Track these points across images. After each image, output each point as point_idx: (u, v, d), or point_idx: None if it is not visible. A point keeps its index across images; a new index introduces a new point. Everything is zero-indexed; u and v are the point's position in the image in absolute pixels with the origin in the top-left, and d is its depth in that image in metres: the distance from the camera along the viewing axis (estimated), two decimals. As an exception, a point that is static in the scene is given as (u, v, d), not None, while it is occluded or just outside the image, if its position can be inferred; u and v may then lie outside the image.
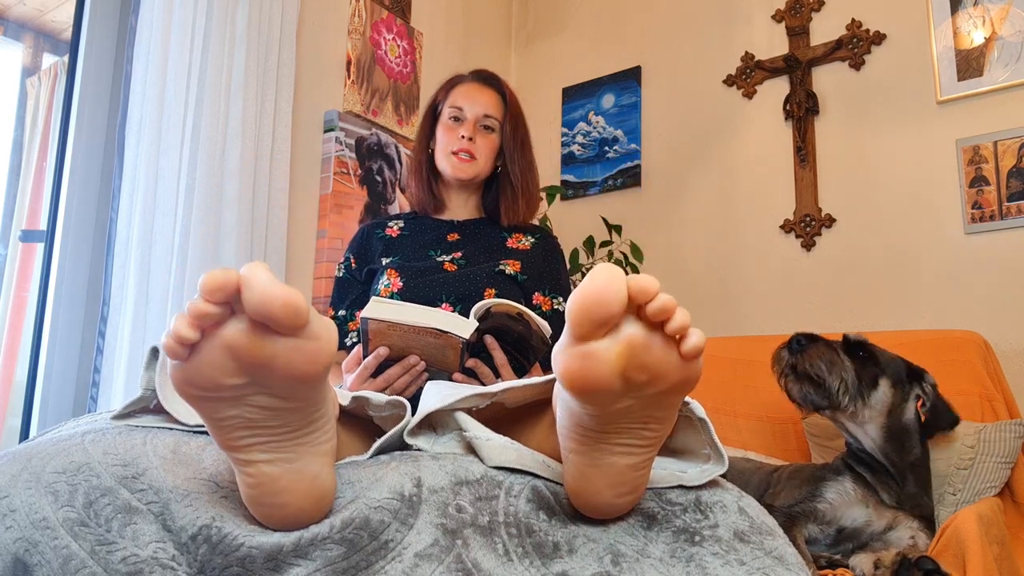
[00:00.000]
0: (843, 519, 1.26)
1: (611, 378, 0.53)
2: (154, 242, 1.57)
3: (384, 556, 0.58)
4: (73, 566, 0.56)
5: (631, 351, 0.53)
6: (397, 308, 1.01)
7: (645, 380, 0.54)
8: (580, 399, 0.56)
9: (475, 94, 1.38)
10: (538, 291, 1.35)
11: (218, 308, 0.50)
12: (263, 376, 0.53)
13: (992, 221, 1.91)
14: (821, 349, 1.32)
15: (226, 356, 0.51)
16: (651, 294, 0.52)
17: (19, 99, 2.09)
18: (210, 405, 0.54)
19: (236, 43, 1.76)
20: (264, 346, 0.51)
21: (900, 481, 1.31)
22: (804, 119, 2.23)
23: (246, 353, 0.51)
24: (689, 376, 0.55)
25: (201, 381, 0.52)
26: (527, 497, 0.65)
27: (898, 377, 1.36)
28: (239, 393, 0.53)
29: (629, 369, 0.54)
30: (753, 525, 0.66)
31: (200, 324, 0.51)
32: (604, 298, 0.52)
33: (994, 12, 1.97)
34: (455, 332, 0.99)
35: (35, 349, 1.58)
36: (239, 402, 0.54)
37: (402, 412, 0.76)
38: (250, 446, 0.56)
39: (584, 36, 2.78)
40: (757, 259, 2.28)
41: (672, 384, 0.55)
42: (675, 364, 0.54)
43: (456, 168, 1.35)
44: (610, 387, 0.54)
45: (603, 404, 0.56)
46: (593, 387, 0.54)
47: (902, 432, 1.34)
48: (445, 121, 1.38)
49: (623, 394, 0.55)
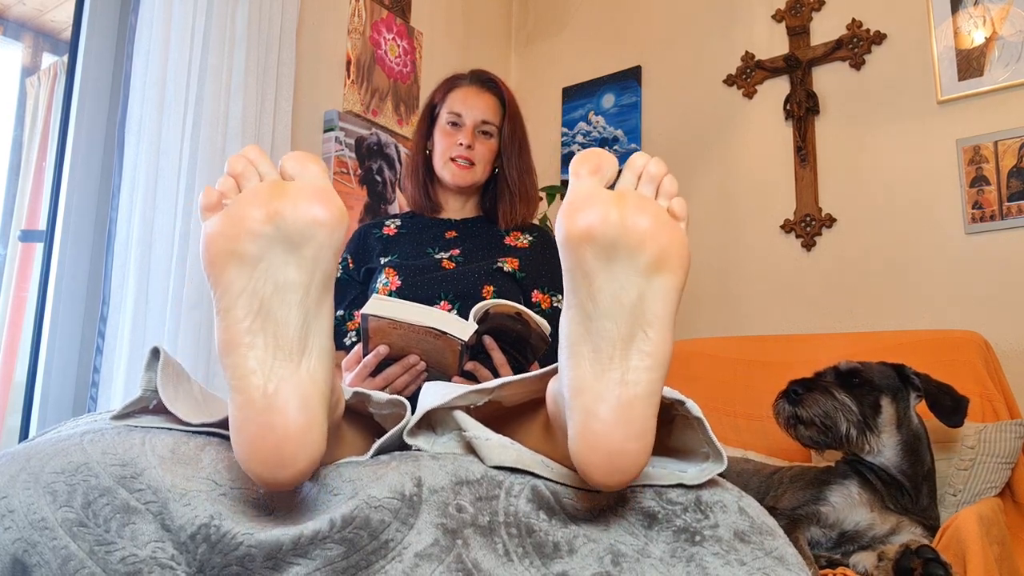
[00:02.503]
0: (845, 522, 1.26)
1: (610, 216, 0.60)
2: (154, 242, 1.57)
3: (384, 556, 0.58)
4: (72, 566, 0.56)
5: (628, 196, 0.62)
6: (398, 306, 1.01)
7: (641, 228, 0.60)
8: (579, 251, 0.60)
9: (473, 99, 1.37)
10: (537, 289, 1.35)
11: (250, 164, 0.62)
12: (283, 216, 0.59)
13: (992, 221, 1.91)
14: (818, 397, 1.32)
15: (253, 199, 0.60)
16: (647, 157, 0.65)
17: (19, 99, 2.09)
18: (232, 270, 0.58)
19: (236, 42, 1.75)
20: (286, 186, 0.61)
21: (914, 495, 1.31)
22: (804, 119, 2.23)
23: (270, 193, 0.60)
24: (677, 240, 0.61)
25: (230, 229, 0.59)
26: (527, 497, 0.65)
27: (894, 388, 1.36)
28: (260, 251, 0.59)
29: (627, 213, 0.60)
30: (753, 525, 0.66)
31: (236, 172, 0.62)
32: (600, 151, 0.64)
33: (995, 12, 1.97)
34: (454, 334, 0.99)
35: (35, 349, 1.58)
36: (257, 266, 0.59)
37: (402, 412, 0.76)
38: (251, 347, 0.57)
39: (584, 36, 2.78)
40: (757, 259, 2.28)
41: (663, 245, 0.60)
42: (665, 217, 0.62)
43: (455, 175, 1.35)
44: (608, 228, 0.59)
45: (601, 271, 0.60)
46: (594, 221, 0.59)
47: (915, 441, 1.33)
48: (443, 126, 1.37)
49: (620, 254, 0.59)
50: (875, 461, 1.32)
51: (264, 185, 0.61)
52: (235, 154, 0.63)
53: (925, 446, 1.35)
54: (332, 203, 0.60)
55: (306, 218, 0.59)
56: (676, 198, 0.64)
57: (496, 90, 1.41)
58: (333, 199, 0.61)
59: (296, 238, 0.59)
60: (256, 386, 0.57)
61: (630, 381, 0.59)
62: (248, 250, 0.59)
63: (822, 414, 1.30)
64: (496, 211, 1.40)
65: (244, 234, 0.59)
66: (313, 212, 0.59)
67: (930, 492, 1.33)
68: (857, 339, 1.83)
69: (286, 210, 0.59)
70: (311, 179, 0.61)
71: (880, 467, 1.32)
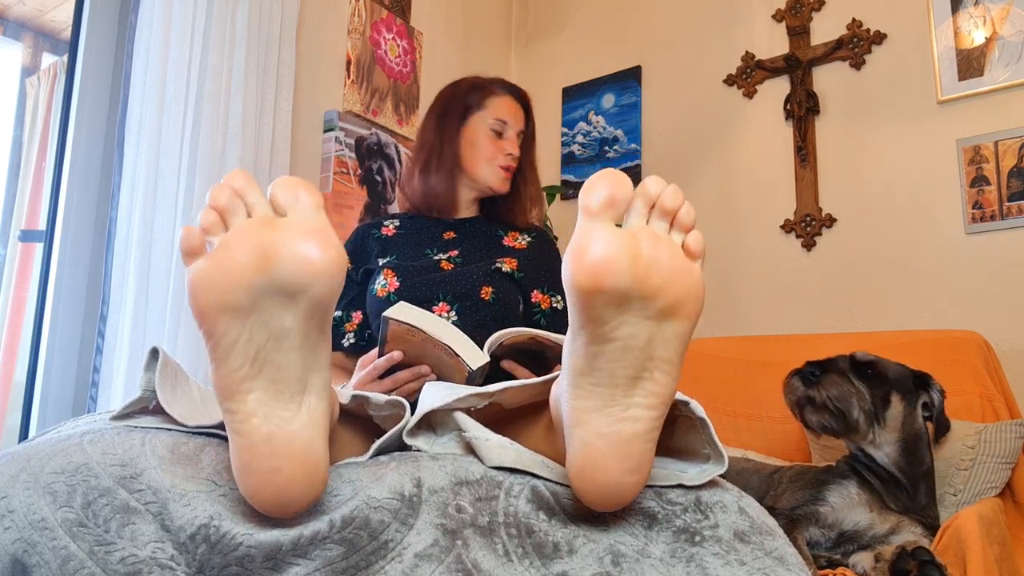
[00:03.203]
0: (844, 522, 1.26)
1: (621, 267, 0.55)
2: (154, 242, 1.57)
3: (384, 556, 0.58)
4: (72, 567, 0.56)
5: (640, 240, 0.57)
6: (420, 315, 1.01)
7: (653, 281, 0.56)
8: (588, 302, 0.56)
9: (514, 110, 1.42)
10: (536, 289, 1.34)
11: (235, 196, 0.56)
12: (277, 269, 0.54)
13: (993, 221, 1.91)
14: (836, 379, 1.31)
15: (241, 243, 0.54)
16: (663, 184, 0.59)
17: (18, 99, 2.09)
18: (223, 321, 0.55)
19: (236, 42, 1.75)
20: (279, 228, 0.55)
21: (912, 492, 1.31)
22: (804, 119, 2.23)
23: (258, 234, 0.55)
24: (692, 286, 0.58)
25: (218, 279, 0.54)
26: (527, 497, 0.65)
27: (906, 388, 1.35)
28: (252, 300, 0.55)
29: (638, 263, 0.56)
30: (753, 525, 0.66)
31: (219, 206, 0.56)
32: (613, 177, 0.57)
33: (995, 12, 1.97)
34: (465, 360, 0.98)
35: (34, 349, 1.58)
36: (250, 316, 0.55)
37: (401, 412, 0.76)
38: (249, 391, 0.56)
39: (584, 36, 2.78)
40: (757, 259, 2.28)
41: (678, 294, 0.57)
42: (680, 262, 0.58)
43: (501, 182, 1.39)
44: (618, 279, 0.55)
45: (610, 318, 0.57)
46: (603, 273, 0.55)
47: (916, 442, 1.33)
48: (486, 130, 1.39)
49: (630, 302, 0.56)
50: (874, 455, 1.32)
51: (253, 225, 0.55)
52: (218, 184, 0.56)
53: (925, 446, 1.35)
54: (330, 247, 0.56)
55: (302, 268, 0.55)
56: (692, 233, 0.60)
57: (526, 105, 1.47)
58: (330, 242, 0.56)
59: (291, 288, 0.55)
60: (258, 430, 0.56)
61: (631, 418, 0.59)
62: (240, 301, 0.54)
63: (836, 397, 1.29)
64: (507, 212, 1.43)
65: (234, 286, 0.54)
66: (309, 260, 0.55)
67: (928, 491, 1.33)
68: (857, 339, 1.83)
69: (280, 259, 0.54)
70: (305, 217, 0.56)
71: (879, 464, 1.32)
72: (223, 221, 0.56)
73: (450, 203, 1.40)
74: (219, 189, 0.56)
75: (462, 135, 1.40)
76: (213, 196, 0.56)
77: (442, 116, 1.42)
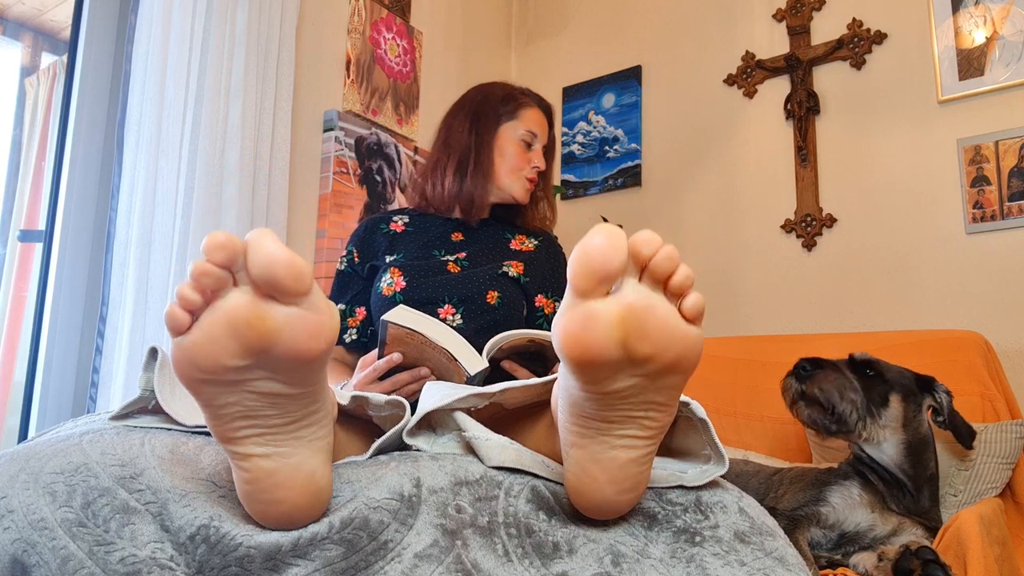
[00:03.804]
0: (846, 523, 1.26)
1: (610, 343, 0.53)
2: (153, 242, 1.57)
3: (383, 557, 0.58)
4: (71, 567, 0.55)
5: (632, 313, 0.54)
6: (420, 319, 1.02)
7: (646, 352, 0.54)
8: (579, 370, 0.55)
9: (543, 123, 1.45)
10: (541, 293, 1.34)
11: (221, 271, 0.50)
12: (265, 354, 0.52)
13: (993, 221, 1.91)
14: (828, 374, 1.31)
15: (227, 329, 0.51)
16: (655, 245, 0.53)
17: (18, 98, 2.09)
18: (210, 389, 0.53)
19: (236, 42, 1.75)
20: (266, 316, 0.51)
21: (915, 495, 1.30)
22: (805, 119, 2.22)
23: (247, 324, 0.51)
24: (689, 348, 0.55)
25: (202, 360, 0.51)
26: (527, 497, 0.65)
27: (908, 390, 1.35)
28: (240, 376, 0.53)
29: (630, 336, 0.53)
30: (754, 526, 0.66)
31: (203, 286, 0.50)
32: (605, 252, 0.52)
33: (995, 11, 1.97)
34: (463, 364, 0.99)
35: (34, 349, 1.57)
36: (239, 387, 0.53)
37: (401, 412, 0.76)
38: (247, 438, 0.56)
39: (584, 36, 2.78)
40: (758, 259, 2.28)
41: (673, 357, 0.55)
42: (675, 330, 0.54)
43: (525, 192, 1.42)
44: (609, 354, 0.54)
45: (603, 379, 0.55)
46: (592, 351, 0.54)
47: (920, 445, 1.33)
48: (517, 141, 1.40)
49: (623, 366, 0.55)
50: (875, 456, 1.32)
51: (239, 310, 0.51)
52: (198, 260, 0.51)
53: (931, 451, 1.35)
54: (323, 335, 0.53)
55: (292, 356, 0.52)
56: (691, 296, 0.55)
57: (550, 115, 1.49)
58: (323, 330, 0.53)
59: (280, 368, 0.53)
60: (260, 467, 0.56)
61: (626, 446, 0.59)
62: (227, 378, 0.53)
63: (825, 390, 1.29)
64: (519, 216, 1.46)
65: (219, 368, 0.52)
66: (299, 351, 0.52)
67: (932, 495, 1.33)
68: (857, 339, 1.83)
69: (268, 347, 0.52)
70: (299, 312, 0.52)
71: (881, 465, 1.32)
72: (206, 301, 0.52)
73: (481, 207, 1.40)
74: (202, 271, 0.50)
75: (495, 142, 1.40)
76: (196, 279, 0.50)
77: (476, 120, 1.42)
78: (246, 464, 0.56)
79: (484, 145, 1.40)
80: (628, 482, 0.61)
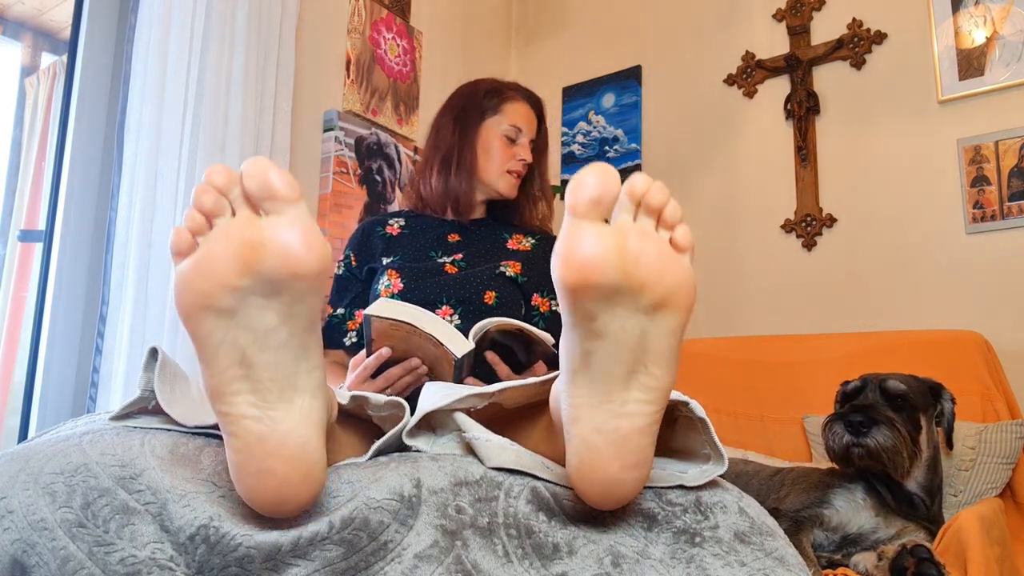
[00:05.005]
0: (849, 525, 1.25)
1: (608, 264, 0.56)
2: (153, 242, 1.57)
3: (383, 557, 0.58)
4: (71, 567, 0.55)
5: (628, 235, 0.57)
6: (401, 308, 1.01)
7: (641, 275, 0.56)
8: (577, 298, 0.57)
9: (529, 117, 1.43)
10: (537, 292, 1.34)
11: (220, 194, 0.55)
12: (260, 268, 0.54)
13: (993, 221, 1.91)
14: (885, 431, 1.25)
15: (225, 245, 0.54)
16: (648, 181, 0.58)
17: (18, 98, 2.09)
18: (208, 322, 0.55)
19: (236, 42, 1.75)
20: (261, 227, 0.55)
21: (929, 507, 1.29)
22: (805, 118, 2.22)
23: (242, 236, 0.54)
24: (682, 278, 0.58)
25: (202, 281, 0.54)
26: (527, 498, 0.65)
27: (927, 403, 1.34)
28: (236, 302, 0.55)
29: (627, 258, 0.56)
30: (754, 526, 0.66)
31: (203, 205, 0.55)
32: (599, 175, 0.56)
33: (995, 11, 1.97)
34: (449, 347, 0.98)
35: (34, 349, 1.57)
36: (235, 318, 0.55)
37: (400, 413, 0.76)
38: (239, 394, 0.56)
39: (584, 35, 2.78)
40: (758, 259, 2.28)
41: (668, 287, 0.57)
42: (669, 256, 0.58)
43: (510, 187, 1.41)
44: (606, 275, 0.55)
45: (600, 311, 0.57)
46: (590, 269, 0.55)
47: (936, 456, 1.32)
48: (500, 135, 1.40)
49: (619, 296, 0.56)
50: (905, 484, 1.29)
51: (236, 227, 0.55)
52: (201, 184, 0.56)
53: (940, 459, 1.34)
54: (313, 249, 0.55)
55: (284, 271, 0.54)
56: (680, 227, 0.59)
57: (541, 112, 1.48)
58: (313, 243, 0.55)
59: (275, 287, 0.55)
60: (251, 431, 0.56)
61: (628, 414, 0.59)
62: (224, 303, 0.55)
63: (890, 449, 1.24)
64: (514, 214, 1.45)
65: (217, 289, 0.54)
66: (292, 265, 0.54)
67: (941, 501, 1.33)
68: (857, 339, 1.83)
69: (261, 257, 0.54)
70: (287, 217, 0.55)
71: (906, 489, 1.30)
72: (208, 222, 0.56)
73: (468, 204, 1.40)
74: (202, 191, 0.56)
75: (478, 138, 1.40)
76: (197, 197, 0.56)
77: (459, 118, 1.43)
78: (237, 430, 0.56)
79: (468, 142, 1.40)
80: (632, 456, 0.59)
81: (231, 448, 0.57)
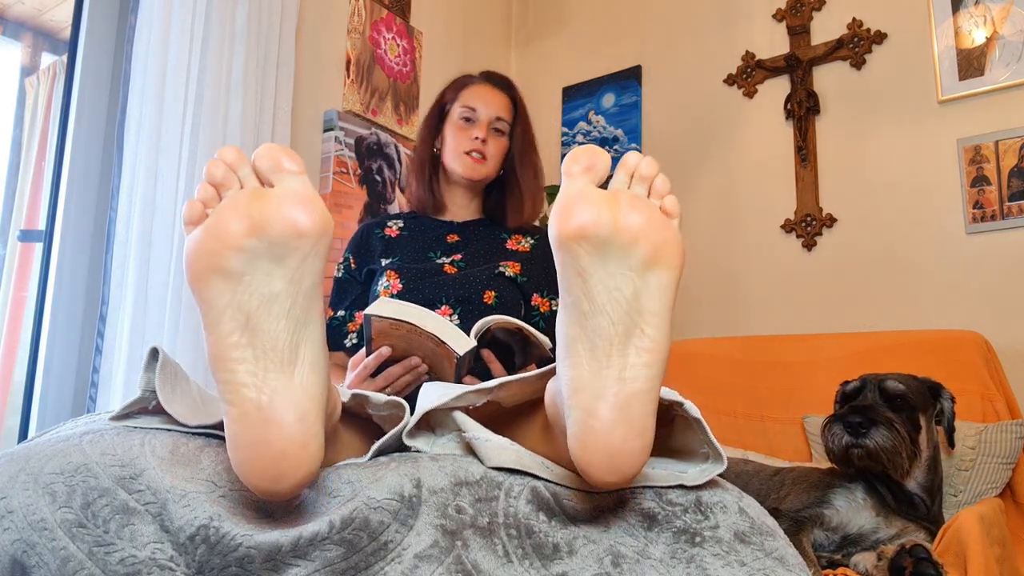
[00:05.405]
0: (849, 526, 1.25)
1: (601, 215, 0.60)
2: (153, 242, 1.57)
3: (383, 557, 0.58)
4: (71, 567, 0.55)
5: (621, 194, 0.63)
6: (401, 307, 1.01)
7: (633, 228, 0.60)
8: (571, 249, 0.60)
9: (488, 96, 1.39)
10: (536, 293, 1.34)
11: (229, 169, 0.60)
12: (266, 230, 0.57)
13: (993, 221, 1.91)
14: (884, 432, 1.25)
15: (234, 209, 0.58)
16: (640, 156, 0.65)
17: (18, 98, 2.09)
18: (216, 285, 0.57)
19: (235, 42, 1.75)
20: (266, 193, 0.59)
21: (929, 506, 1.29)
22: (805, 118, 2.22)
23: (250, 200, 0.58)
24: (671, 237, 0.62)
25: (212, 243, 0.57)
26: (527, 498, 0.65)
27: (926, 403, 1.34)
28: (243, 266, 0.58)
29: (619, 211, 0.61)
30: (754, 526, 0.66)
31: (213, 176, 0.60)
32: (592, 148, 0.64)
33: (995, 11, 1.97)
34: (451, 345, 0.98)
35: (34, 349, 1.57)
36: (240, 279, 0.58)
37: (401, 413, 0.76)
38: (240, 360, 0.57)
39: (584, 35, 2.78)
40: (758, 259, 2.28)
41: (657, 243, 0.60)
42: (658, 216, 0.62)
43: (469, 169, 1.36)
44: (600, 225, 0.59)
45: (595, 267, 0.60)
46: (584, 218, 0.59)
47: (936, 455, 1.32)
48: (456, 121, 1.37)
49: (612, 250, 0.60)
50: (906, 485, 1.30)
51: (244, 195, 0.59)
52: (213, 159, 0.61)
53: (940, 458, 1.34)
54: (315, 211, 0.59)
55: (289, 230, 0.58)
56: (668, 196, 0.65)
57: (509, 91, 1.43)
58: (316, 206, 0.59)
59: (280, 250, 0.58)
60: (250, 399, 0.56)
61: (628, 378, 0.59)
62: (231, 265, 0.58)
63: (889, 450, 1.24)
64: (503, 211, 1.41)
65: (226, 249, 0.57)
66: (296, 223, 0.58)
67: (941, 500, 1.33)
68: (857, 339, 1.83)
69: (268, 222, 0.58)
70: (291, 185, 0.60)
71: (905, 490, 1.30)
72: (218, 194, 0.60)
73: (438, 205, 1.41)
74: (214, 165, 0.60)
75: (444, 133, 1.40)
76: (209, 171, 0.60)
77: (427, 118, 1.43)
78: (236, 398, 0.56)
79: (427, 141, 1.41)
80: (634, 423, 0.58)
81: (229, 418, 0.57)
